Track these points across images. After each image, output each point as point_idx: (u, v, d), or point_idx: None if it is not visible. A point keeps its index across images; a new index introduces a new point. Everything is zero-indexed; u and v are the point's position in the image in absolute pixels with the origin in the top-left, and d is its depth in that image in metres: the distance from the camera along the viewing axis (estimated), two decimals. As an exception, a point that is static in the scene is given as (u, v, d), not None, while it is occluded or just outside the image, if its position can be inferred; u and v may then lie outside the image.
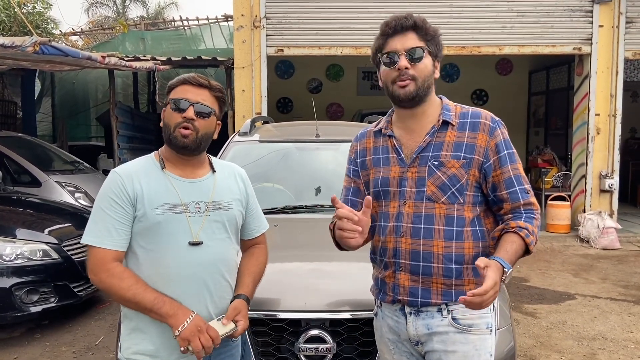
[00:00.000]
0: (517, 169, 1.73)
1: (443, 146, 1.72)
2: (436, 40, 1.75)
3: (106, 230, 1.69)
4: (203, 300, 1.77)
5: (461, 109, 1.79)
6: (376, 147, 1.86)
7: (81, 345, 4.17)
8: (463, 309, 1.69)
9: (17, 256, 4.26)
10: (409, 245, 1.72)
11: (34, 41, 5.35)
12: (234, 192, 1.89)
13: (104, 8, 23.81)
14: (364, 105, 10.46)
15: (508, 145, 1.74)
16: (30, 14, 12.02)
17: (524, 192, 1.71)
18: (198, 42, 13.22)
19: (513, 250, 1.63)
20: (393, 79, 1.71)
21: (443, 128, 1.74)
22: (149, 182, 1.75)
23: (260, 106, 8.05)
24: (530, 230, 1.67)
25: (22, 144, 7.90)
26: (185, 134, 1.73)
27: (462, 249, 1.70)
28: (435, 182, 1.70)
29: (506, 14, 8.02)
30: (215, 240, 1.80)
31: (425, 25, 1.73)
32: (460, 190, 1.70)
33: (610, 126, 8.20)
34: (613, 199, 8.29)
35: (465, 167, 1.69)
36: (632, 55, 8.21)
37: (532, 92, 12.34)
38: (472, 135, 1.71)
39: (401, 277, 1.74)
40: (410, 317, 1.75)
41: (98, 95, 14.20)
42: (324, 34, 8.00)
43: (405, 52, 1.69)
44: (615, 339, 4.35)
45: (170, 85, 1.82)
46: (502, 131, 1.74)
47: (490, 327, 1.74)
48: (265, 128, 4.39)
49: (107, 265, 1.68)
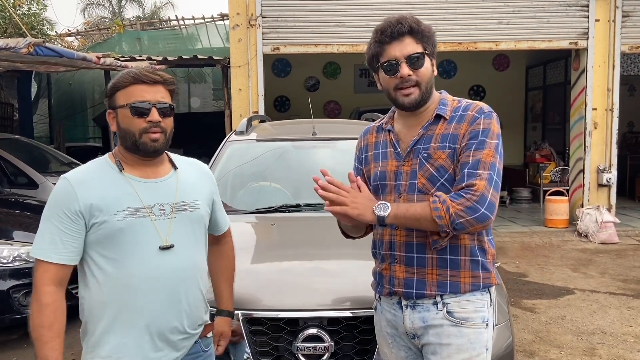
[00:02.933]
0: (480, 155, 1.63)
1: (432, 138, 1.73)
2: (432, 39, 1.74)
3: (52, 243, 1.56)
4: (176, 312, 1.67)
5: (457, 103, 1.78)
6: (377, 142, 1.89)
7: (80, 348, 4.15)
8: (458, 303, 1.71)
9: (15, 258, 4.25)
10: (403, 238, 1.74)
11: (28, 42, 5.34)
12: (198, 190, 1.77)
13: (99, 8, 23.78)
14: (361, 103, 10.44)
15: (486, 134, 1.66)
16: (26, 15, 11.98)
17: (472, 175, 1.61)
18: (194, 41, 13.18)
19: (412, 206, 1.64)
20: (395, 85, 1.72)
21: (436, 121, 1.75)
22: (106, 187, 1.61)
23: (257, 105, 8.04)
24: (442, 200, 1.59)
25: (19, 146, 7.88)
26: (154, 137, 1.61)
27: (456, 240, 1.70)
28: (425, 174, 1.71)
29: (502, 10, 8.00)
30: (185, 244, 1.69)
31: (420, 27, 1.71)
32: (449, 181, 1.68)
33: (608, 120, 8.20)
34: (611, 193, 8.29)
35: (450, 157, 1.69)
36: (628, 49, 8.20)
37: (529, 87, 12.33)
38: (458, 126, 1.71)
39: (396, 269, 1.76)
40: (407, 311, 1.76)
41: (95, 96, 14.15)
42: (320, 31, 7.98)
43: (405, 59, 1.68)
44: (615, 333, 4.35)
45: (116, 84, 1.64)
46: (484, 121, 1.68)
47: (486, 321, 1.74)
48: (262, 127, 4.38)
49: (42, 287, 1.56)
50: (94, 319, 1.64)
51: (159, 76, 1.65)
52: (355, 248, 2.20)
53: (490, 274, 1.77)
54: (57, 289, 1.58)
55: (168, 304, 1.65)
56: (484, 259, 1.75)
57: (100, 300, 1.63)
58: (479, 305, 1.73)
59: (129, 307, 1.61)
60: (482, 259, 1.74)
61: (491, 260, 1.79)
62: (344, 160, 3.71)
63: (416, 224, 1.64)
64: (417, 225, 1.65)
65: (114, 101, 1.65)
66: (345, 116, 11.25)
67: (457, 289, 1.71)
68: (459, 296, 1.72)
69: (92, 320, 1.65)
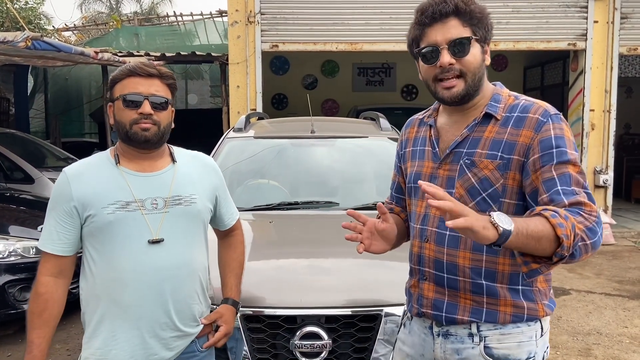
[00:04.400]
0: (565, 168, 1.35)
1: (480, 143, 1.45)
2: (484, 22, 1.46)
3: (49, 234, 1.64)
4: (165, 308, 1.65)
5: (514, 100, 1.49)
6: (417, 138, 1.65)
7: (75, 343, 4.14)
8: (497, 336, 1.45)
9: (10, 253, 4.23)
10: (432, 253, 1.51)
11: (25, 36, 5.30)
12: (198, 185, 1.74)
13: (97, 3, 23.66)
14: (359, 102, 10.44)
15: (560, 143, 1.37)
16: (23, 10, 11.93)
17: (570, 192, 1.32)
18: (192, 37, 13.14)
19: (528, 220, 1.24)
20: (434, 76, 1.47)
21: (485, 121, 1.48)
22: (99, 179, 1.63)
23: (255, 102, 8.02)
24: (563, 215, 1.24)
25: (14, 140, 7.84)
26: (145, 127, 1.60)
27: (494, 265, 1.44)
28: (465, 184, 1.45)
29: (501, 10, 8.01)
30: (177, 240, 1.66)
31: (468, 7, 1.43)
32: (494, 197, 1.42)
33: (605, 122, 8.22)
34: (607, 195, 8.31)
35: (501, 169, 1.41)
36: (626, 51, 8.22)
37: (527, 87, 12.34)
38: (515, 132, 1.42)
39: (425, 287, 1.54)
40: (439, 339, 1.52)
41: (92, 91, 14.08)
42: (319, 29, 7.97)
43: (447, 44, 1.42)
44: (610, 334, 4.36)
45: (114, 77, 1.65)
46: (554, 125, 1.39)
47: (532, 356, 1.47)
48: (260, 124, 4.38)
49: (40, 277, 1.64)
50: (89, 311, 1.68)
51: (156, 70, 1.65)
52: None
53: (537, 305, 1.47)
54: (54, 280, 1.65)
55: (157, 299, 1.64)
56: (528, 287, 1.47)
57: (93, 293, 1.66)
58: (523, 338, 1.45)
59: (118, 301, 1.62)
60: (526, 287, 1.46)
61: (541, 288, 1.50)
62: (342, 158, 3.73)
63: (534, 245, 1.24)
64: (535, 247, 1.24)
65: (112, 94, 1.66)
66: (343, 114, 11.23)
67: (495, 319, 1.45)
68: (499, 328, 1.45)
69: (88, 312, 1.68)
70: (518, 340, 1.45)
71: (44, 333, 1.63)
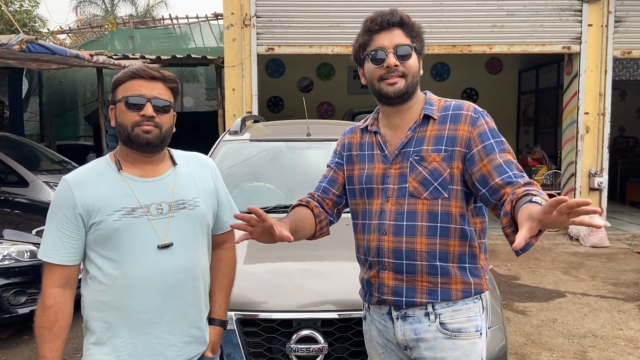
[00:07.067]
0: (506, 156, 1.61)
1: (424, 141, 1.68)
2: (421, 37, 1.72)
3: (53, 244, 1.60)
4: (172, 311, 1.64)
5: (445, 102, 1.75)
6: (362, 143, 1.84)
7: (70, 347, 4.11)
8: (450, 313, 1.66)
9: (4, 257, 4.20)
10: (391, 244, 1.69)
11: (20, 39, 5.29)
12: (200, 188, 1.74)
13: (92, 6, 23.62)
14: (354, 104, 10.44)
15: (495, 134, 1.65)
16: (18, 12, 11.89)
17: (519, 176, 1.55)
18: (188, 40, 13.13)
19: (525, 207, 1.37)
20: (380, 76, 1.68)
21: (425, 122, 1.71)
22: (103, 187, 1.61)
23: (251, 105, 8.02)
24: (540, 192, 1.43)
25: (9, 143, 7.80)
26: (147, 129, 1.59)
27: (446, 246, 1.66)
28: (417, 177, 1.66)
29: (496, 13, 8.05)
30: (184, 243, 1.66)
31: (410, 21, 1.70)
32: (443, 185, 1.64)
33: (600, 125, 8.25)
34: (602, 197, 8.34)
35: (446, 160, 1.64)
36: (620, 54, 8.27)
37: (522, 91, 12.40)
38: (453, 127, 1.67)
39: (385, 276, 1.71)
40: (398, 322, 1.71)
41: (86, 94, 14.06)
42: (314, 32, 7.98)
43: (393, 49, 1.65)
44: (606, 337, 4.38)
45: (117, 80, 1.64)
46: (485, 120, 1.67)
47: (480, 330, 1.70)
48: (256, 127, 4.37)
49: (47, 289, 1.60)
50: (95, 318, 1.64)
51: (159, 73, 1.64)
52: (349, 249, 2.18)
53: (482, 280, 1.72)
54: (62, 291, 1.62)
55: (166, 304, 1.63)
56: (473, 264, 1.70)
57: (99, 300, 1.63)
58: (471, 313, 1.68)
59: (127, 306, 1.61)
60: (472, 264, 1.69)
61: (483, 265, 1.74)
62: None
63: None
64: None
65: (115, 96, 1.65)
66: (339, 117, 11.24)
67: (449, 296, 1.67)
68: (451, 305, 1.67)
69: (93, 319, 1.65)
70: (467, 315, 1.68)
71: (56, 346, 1.60)
